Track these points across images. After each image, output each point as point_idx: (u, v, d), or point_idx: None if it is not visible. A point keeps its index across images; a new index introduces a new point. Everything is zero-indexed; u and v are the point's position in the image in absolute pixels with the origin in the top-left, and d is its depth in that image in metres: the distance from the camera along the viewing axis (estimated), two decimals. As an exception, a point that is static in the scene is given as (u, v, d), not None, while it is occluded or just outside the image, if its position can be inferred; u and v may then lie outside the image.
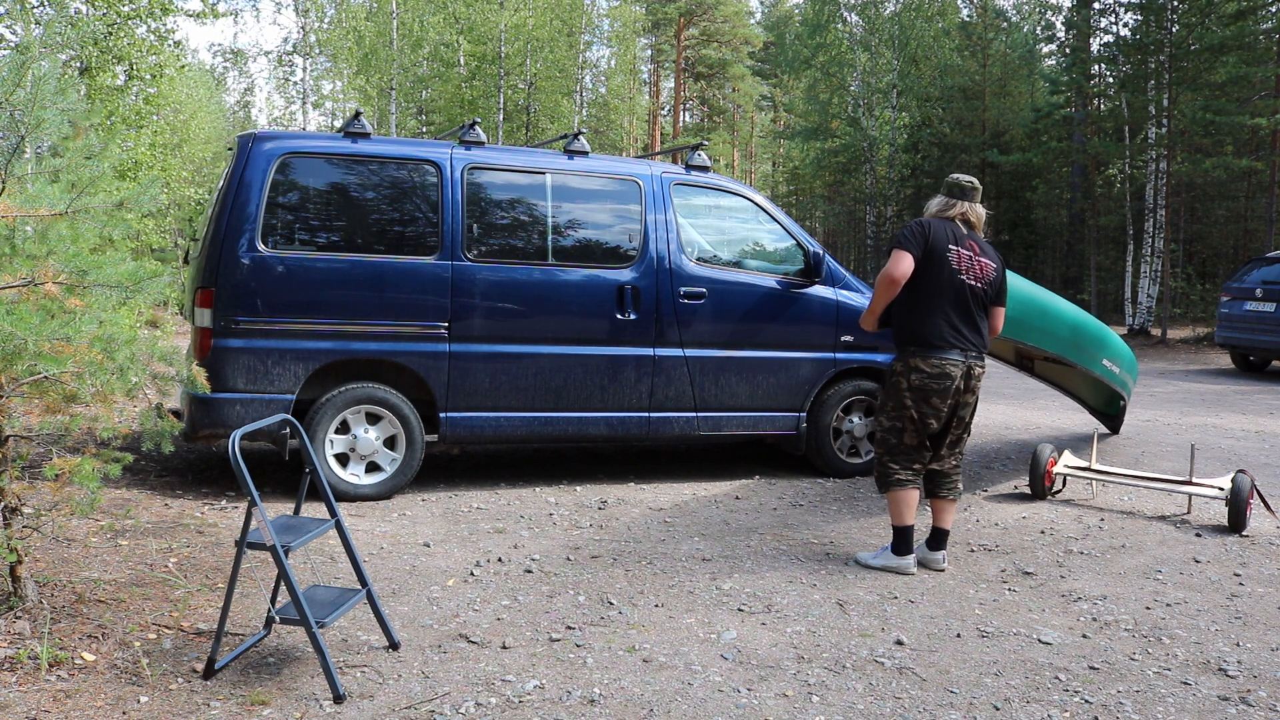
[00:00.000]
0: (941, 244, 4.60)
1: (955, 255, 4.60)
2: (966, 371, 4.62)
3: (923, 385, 4.58)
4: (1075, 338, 6.48)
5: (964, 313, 4.63)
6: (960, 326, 4.62)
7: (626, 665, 3.49)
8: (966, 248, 4.65)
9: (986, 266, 4.68)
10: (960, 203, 4.72)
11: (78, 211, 3.40)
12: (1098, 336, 6.76)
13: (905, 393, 4.63)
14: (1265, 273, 13.44)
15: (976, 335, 4.66)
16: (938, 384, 4.57)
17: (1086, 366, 6.61)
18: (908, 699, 3.30)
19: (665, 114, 39.77)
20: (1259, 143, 20.55)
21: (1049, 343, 6.25)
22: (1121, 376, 7.07)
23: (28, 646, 3.32)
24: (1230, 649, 3.81)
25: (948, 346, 4.59)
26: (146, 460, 6.35)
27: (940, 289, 4.59)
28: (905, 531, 4.66)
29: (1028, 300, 6.05)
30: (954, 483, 4.80)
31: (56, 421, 3.69)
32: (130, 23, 14.23)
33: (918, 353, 4.62)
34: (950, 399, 4.61)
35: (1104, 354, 6.78)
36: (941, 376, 4.57)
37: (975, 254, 4.66)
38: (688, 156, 6.71)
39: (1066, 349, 6.41)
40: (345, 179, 5.75)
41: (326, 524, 3.48)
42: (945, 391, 4.58)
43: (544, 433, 6.11)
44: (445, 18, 27.77)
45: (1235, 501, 5.49)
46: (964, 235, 4.68)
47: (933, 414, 4.61)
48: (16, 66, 3.31)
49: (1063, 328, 6.37)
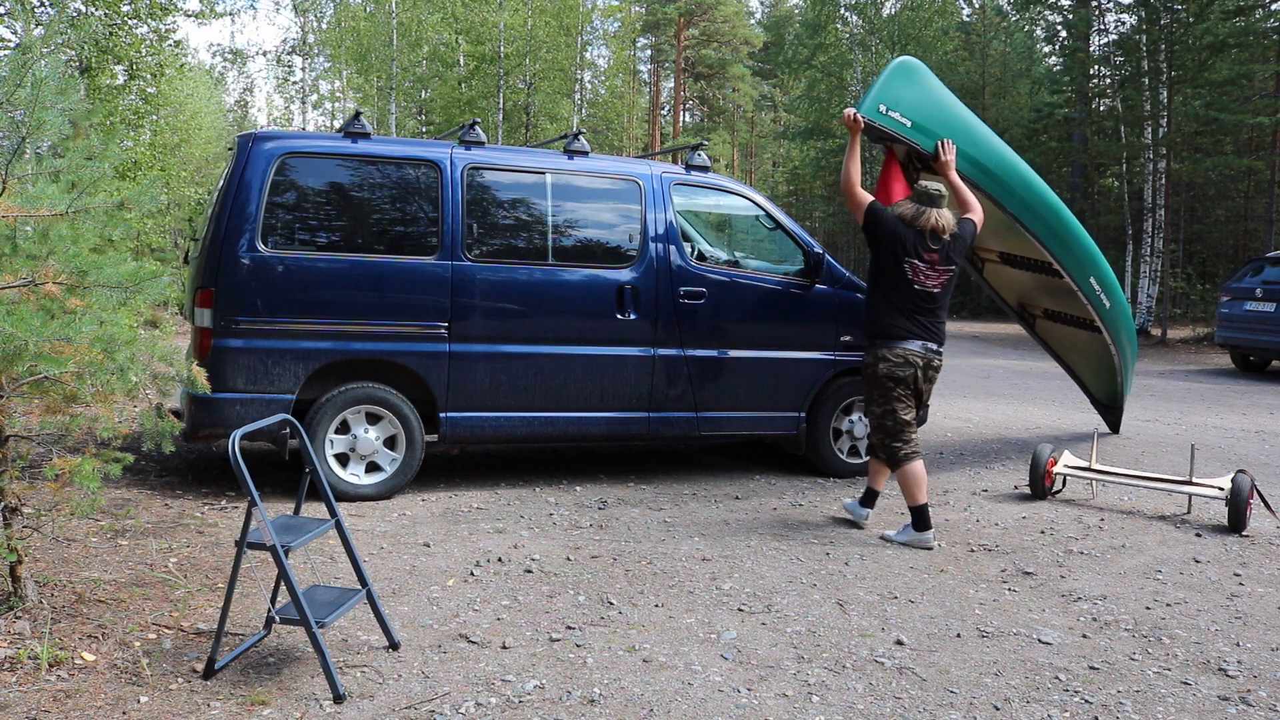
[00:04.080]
0: (900, 252, 5.24)
1: (911, 268, 5.24)
2: (926, 363, 5.29)
3: (892, 372, 5.24)
4: (1060, 229, 6.38)
5: (923, 312, 5.29)
6: (921, 323, 5.28)
7: (626, 665, 3.50)
8: (926, 259, 5.24)
9: (944, 273, 5.29)
10: (929, 211, 5.24)
11: (78, 212, 3.40)
12: (1086, 245, 6.61)
13: (883, 380, 5.27)
14: (1265, 273, 13.45)
15: (936, 330, 5.33)
16: (902, 370, 5.24)
17: (1073, 275, 6.50)
18: (908, 699, 3.30)
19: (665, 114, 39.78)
20: (1259, 143, 20.55)
21: (1028, 218, 6.22)
22: (1113, 317, 6.92)
23: (28, 646, 3.32)
24: (1230, 649, 3.82)
25: (910, 338, 5.25)
26: (146, 460, 6.35)
27: (900, 293, 5.27)
28: (922, 510, 5.17)
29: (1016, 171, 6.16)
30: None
31: (57, 421, 3.69)
32: (130, 23, 14.22)
33: (884, 344, 5.28)
34: (912, 385, 5.26)
35: (1093, 270, 6.63)
36: (905, 364, 5.23)
37: (935, 263, 5.26)
38: (688, 156, 6.71)
39: (1049, 238, 6.32)
40: (345, 179, 5.75)
41: (326, 524, 3.48)
42: (907, 378, 5.24)
43: (544, 433, 6.11)
44: (444, 17, 27.76)
45: (1235, 501, 5.49)
46: (926, 246, 5.24)
47: (909, 393, 5.28)
48: (18, 67, 3.31)
49: (1046, 209, 6.29)
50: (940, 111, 5.93)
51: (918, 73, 5.98)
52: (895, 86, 5.81)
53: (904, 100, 5.78)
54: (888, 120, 5.71)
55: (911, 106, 5.79)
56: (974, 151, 5.99)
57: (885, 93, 5.76)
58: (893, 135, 5.75)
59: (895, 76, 5.89)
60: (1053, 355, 8.17)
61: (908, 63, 6.04)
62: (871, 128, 5.71)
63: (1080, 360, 7.93)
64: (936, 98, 5.98)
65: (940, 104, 5.98)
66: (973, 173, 5.96)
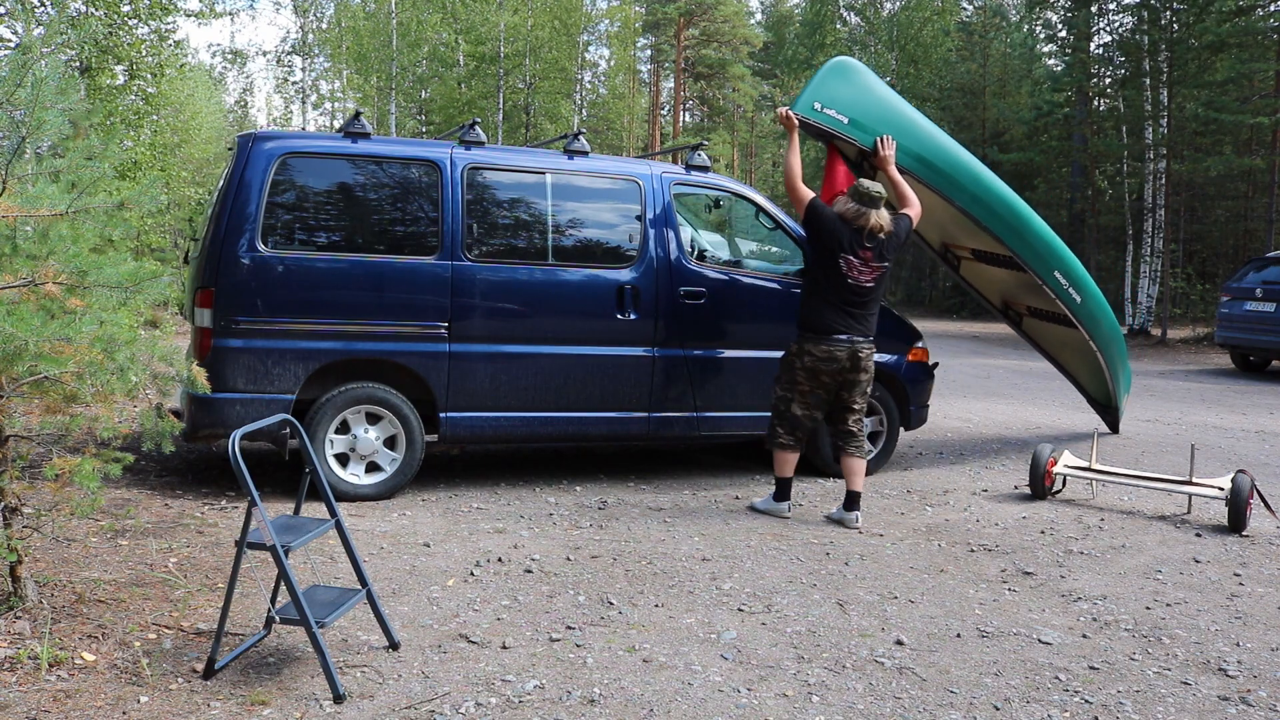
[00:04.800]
0: (835, 247, 5.47)
1: (845, 263, 5.47)
2: (853, 354, 5.48)
3: (813, 366, 5.50)
4: (1016, 223, 6.42)
5: (853, 306, 5.50)
6: (849, 317, 5.49)
7: (626, 665, 3.50)
8: (860, 255, 5.47)
9: (877, 269, 5.51)
10: (868, 211, 5.45)
11: (78, 212, 3.40)
12: (1046, 239, 6.64)
13: (798, 371, 5.56)
14: (1265, 273, 13.45)
15: (864, 323, 5.53)
16: (825, 365, 5.48)
17: (1034, 269, 6.57)
18: (908, 699, 3.30)
19: (665, 114, 39.76)
20: (1259, 143, 20.54)
21: (979, 211, 6.30)
22: (1087, 312, 6.94)
23: (28, 646, 3.32)
24: (1230, 649, 3.82)
25: (835, 333, 5.47)
26: (146, 460, 6.35)
27: (832, 287, 5.49)
28: (784, 483, 5.67)
29: (963, 166, 6.26)
30: (859, 442, 5.62)
31: (57, 421, 3.69)
32: (130, 23, 14.22)
33: (810, 338, 5.52)
34: (838, 377, 5.51)
35: (1056, 264, 6.66)
36: (829, 359, 5.47)
37: (868, 260, 5.49)
38: (688, 156, 6.71)
39: (1004, 231, 6.38)
40: (345, 179, 5.75)
41: (326, 524, 3.48)
42: (832, 371, 5.49)
43: (544, 433, 6.11)
44: (444, 17, 27.76)
45: (1235, 501, 5.49)
46: (861, 243, 5.46)
47: (821, 389, 5.55)
48: (18, 67, 3.31)
49: (998, 203, 6.36)
50: (879, 109, 6.10)
51: (855, 71, 6.19)
52: (831, 85, 6.04)
53: (840, 98, 6.00)
54: (823, 117, 5.94)
55: (849, 104, 6.01)
56: (917, 147, 6.14)
57: (820, 91, 6.00)
58: (830, 132, 5.96)
59: (830, 75, 6.12)
60: (1044, 354, 8.14)
61: (844, 62, 6.27)
62: (808, 124, 5.92)
63: (1073, 359, 7.89)
64: (875, 96, 6.15)
65: (879, 101, 6.15)
66: (917, 168, 6.14)
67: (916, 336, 6.99)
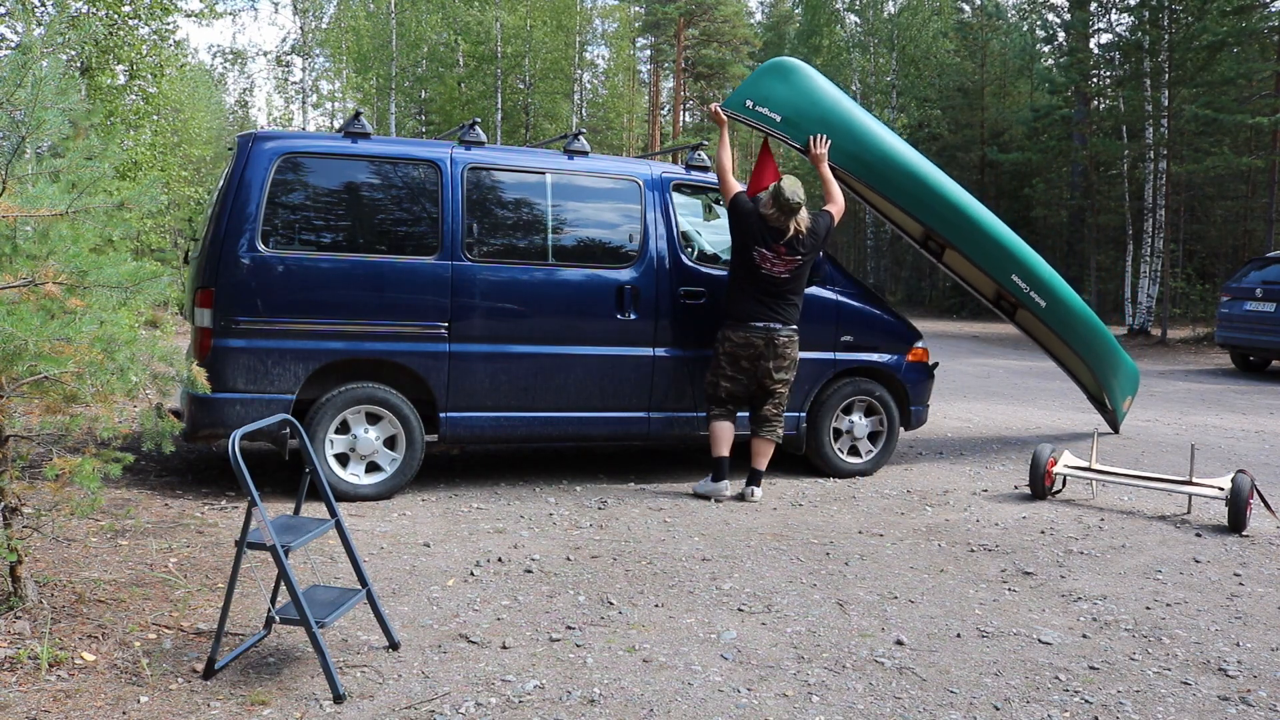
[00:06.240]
0: (750, 241, 5.86)
1: (759, 255, 5.86)
2: (769, 339, 5.89)
3: (733, 351, 5.94)
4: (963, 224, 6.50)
5: (769, 295, 5.90)
6: (766, 306, 5.90)
7: (626, 665, 3.50)
8: (773, 250, 5.85)
9: (791, 262, 5.89)
10: (786, 219, 5.81)
11: (78, 212, 3.40)
12: (1003, 242, 6.67)
13: (721, 356, 6.00)
14: (1265, 273, 13.45)
15: (782, 312, 5.93)
16: (743, 350, 5.92)
17: (988, 270, 6.70)
18: (908, 699, 3.30)
19: (665, 114, 39.74)
20: (1259, 144, 20.55)
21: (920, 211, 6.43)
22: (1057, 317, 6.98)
23: (28, 646, 3.32)
24: (1230, 649, 3.82)
25: (753, 320, 5.88)
26: (146, 460, 6.35)
27: (749, 278, 5.89)
28: (720, 462, 6.03)
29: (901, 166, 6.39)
30: (772, 427, 6.07)
31: (57, 421, 3.69)
32: (131, 23, 14.20)
33: (730, 325, 5.95)
34: (756, 361, 5.92)
35: (1014, 268, 6.71)
36: (746, 345, 5.91)
37: (781, 254, 5.86)
38: (688, 156, 6.72)
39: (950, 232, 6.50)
40: (345, 179, 5.75)
41: (326, 524, 3.48)
42: (751, 356, 5.92)
43: (544, 433, 6.11)
44: (443, 17, 27.76)
45: (1235, 501, 5.49)
46: (775, 238, 5.82)
47: (741, 373, 5.96)
48: (18, 67, 3.30)
49: (941, 203, 6.46)
50: (816, 108, 6.24)
51: (793, 72, 6.34)
52: (765, 84, 6.26)
53: (774, 96, 6.20)
54: (755, 115, 6.19)
55: (782, 102, 6.20)
56: (854, 147, 6.29)
57: (752, 89, 6.24)
58: (762, 129, 6.21)
59: (766, 74, 6.33)
60: (1041, 347, 8.09)
61: (782, 62, 6.44)
62: (737, 121, 6.21)
63: (1065, 353, 7.85)
64: (813, 96, 6.28)
65: (816, 102, 6.27)
66: (853, 166, 6.30)
67: (916, 336, 6.99)
